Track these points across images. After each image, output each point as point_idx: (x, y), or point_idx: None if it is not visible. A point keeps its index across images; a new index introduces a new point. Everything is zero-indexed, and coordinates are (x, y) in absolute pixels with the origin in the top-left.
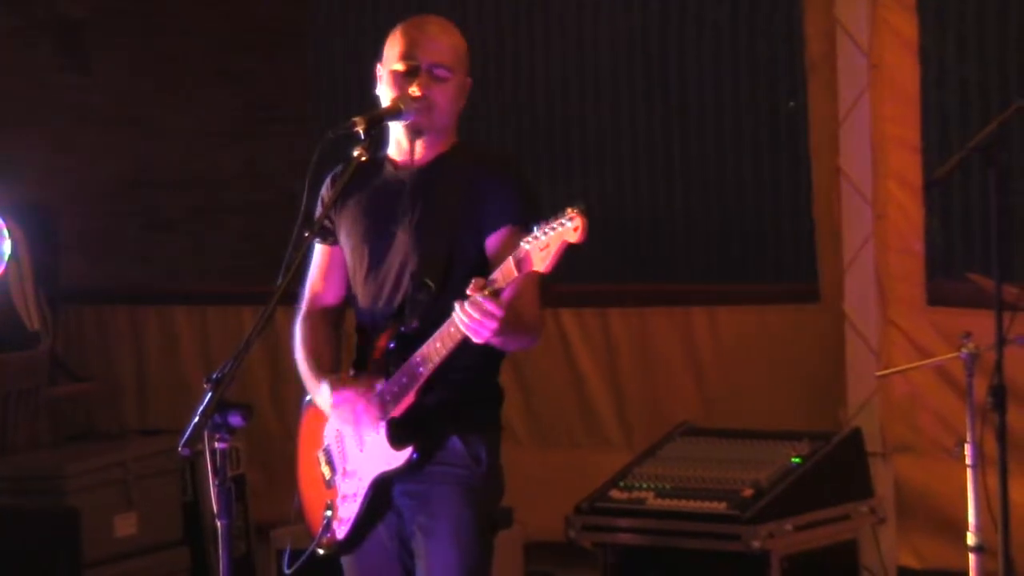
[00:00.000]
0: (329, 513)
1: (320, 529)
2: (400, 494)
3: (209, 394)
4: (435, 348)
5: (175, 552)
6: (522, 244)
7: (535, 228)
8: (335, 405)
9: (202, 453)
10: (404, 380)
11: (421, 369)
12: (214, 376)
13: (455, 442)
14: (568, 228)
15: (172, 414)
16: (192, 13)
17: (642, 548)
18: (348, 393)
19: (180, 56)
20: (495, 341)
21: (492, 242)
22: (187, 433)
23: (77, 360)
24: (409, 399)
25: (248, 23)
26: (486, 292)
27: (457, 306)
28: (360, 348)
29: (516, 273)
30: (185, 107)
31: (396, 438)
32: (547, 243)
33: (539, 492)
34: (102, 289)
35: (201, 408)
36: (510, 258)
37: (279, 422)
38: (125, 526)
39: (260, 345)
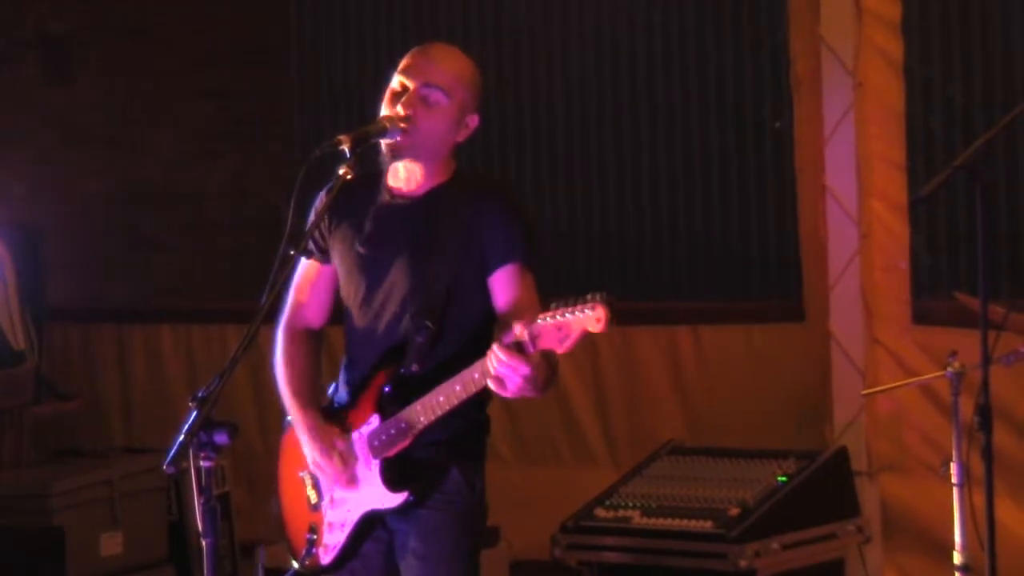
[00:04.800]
0: (313, 536)
1: (303, 551)
2: (395, 518)
3: (194, 412)
4: (438, 402)
5: (160, 571)
6: (538, 320)
7: (552, 306)
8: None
9: (187, 471)
10: (403, 426)
11: (422, 419)
12: (199, 394)
13: (453, 472)
14: (590, 317)
15: (157, 432)
16: (176, 29)
17: (628, 567)
18: (341, 443)
19: (164, 72)
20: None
21: (497, 279)
22: (172, 451)
23: (62, 378)
24: (405, 443)
25: (232, 38)
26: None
27: (491, 354)
28: (351, 373)
29: (531, 350)
30: (170, 123)
31: (391, 481)
32: (565, 325)
33: (525, 511)
34: (87, 307)
35: (186, 426)
36: (526, 332)
37: (264, 441)
38: (110, 545)
39: (244, 363)
